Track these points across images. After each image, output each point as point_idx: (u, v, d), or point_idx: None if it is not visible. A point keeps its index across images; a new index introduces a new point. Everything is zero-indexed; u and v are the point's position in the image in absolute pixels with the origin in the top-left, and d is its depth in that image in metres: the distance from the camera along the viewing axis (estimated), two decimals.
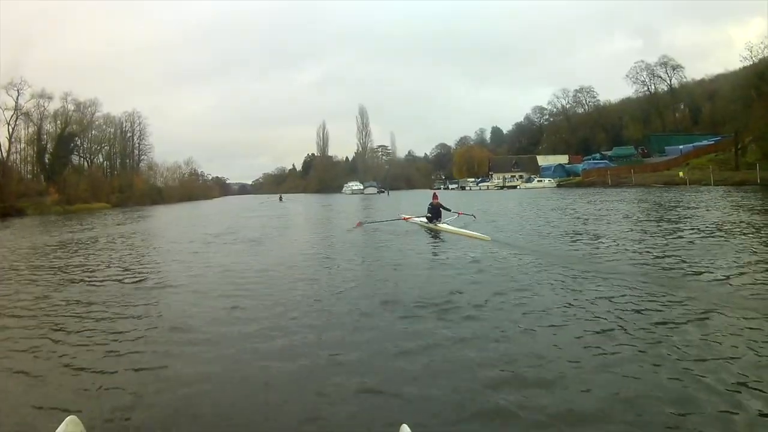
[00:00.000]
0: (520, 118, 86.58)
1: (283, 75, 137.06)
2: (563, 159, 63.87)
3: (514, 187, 55.78)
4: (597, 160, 55.94)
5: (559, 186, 49.77)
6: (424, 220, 11.57)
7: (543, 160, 65.55)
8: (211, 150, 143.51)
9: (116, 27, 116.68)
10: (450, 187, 71.02)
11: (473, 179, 68.51)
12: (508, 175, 64.07)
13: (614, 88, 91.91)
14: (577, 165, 57.34)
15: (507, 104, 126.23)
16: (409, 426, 1.71)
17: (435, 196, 11.74)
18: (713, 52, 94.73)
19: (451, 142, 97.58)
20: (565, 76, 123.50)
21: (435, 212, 11.34)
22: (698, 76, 62.00)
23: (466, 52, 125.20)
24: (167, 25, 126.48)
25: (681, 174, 36.60)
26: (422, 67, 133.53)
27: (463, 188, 63.71)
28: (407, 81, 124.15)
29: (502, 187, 57.60)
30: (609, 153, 56.88)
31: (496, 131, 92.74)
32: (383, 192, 63.89)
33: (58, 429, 1.71)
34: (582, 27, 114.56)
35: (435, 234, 10.38)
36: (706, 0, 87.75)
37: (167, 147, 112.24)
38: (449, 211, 11.78)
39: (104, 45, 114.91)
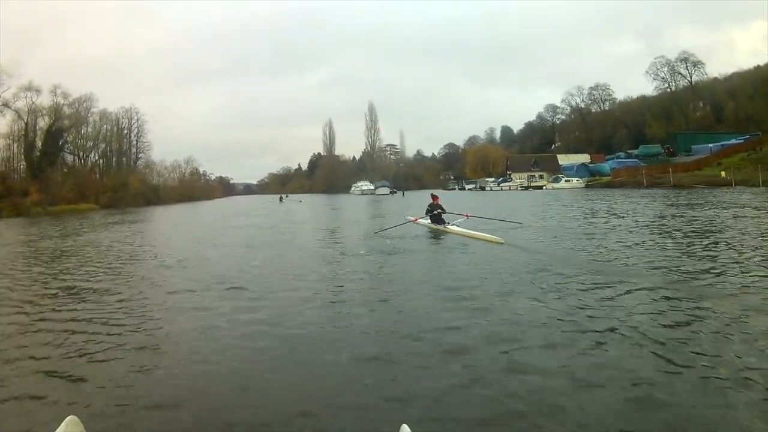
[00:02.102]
0: (525, 118, 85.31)
1: (288, 76, 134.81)
2: (584, 158, 60.20)
3: (540, 187, 52.19)
4: (623, 159, 52.75)
5: (587, 186, 45.94)
6: (429, 220, 11.51)
7: (563, 159, 61.85)
8: (216, 150, 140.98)
9: (119, 28, 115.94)
10: (467, 187, 66.89)
11: (492, 179, 64.32)
12: (529, 175, 60.26)
13: (618, 89, 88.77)
14: (601, 164, 54.24)
15: (509, 104, 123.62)
16: (409, 426, 1.70)
17: (435, 197, 11.80)
18: (716, 53, 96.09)
19: (457, 142, 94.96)
20: (567, 76, 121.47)
21: (436, 211, 11.32)
22: (711, 75, 59.62)
23: (469, 52, 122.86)
24: (174, 25, 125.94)
25: (723, 174, 34.97)
26: (424, 67, 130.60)
27: (482, 188, 59.70)
28: (409, 81, 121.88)
29: (526, 188, 53.92)
30: (635, 152, 53.76)
31: (506, 130, 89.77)
32: (396, 192, 58.67)
33: (58, 429, 1.71)
34: (583, 28, 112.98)
35: (445, 237, 10.10)
36: (708, 1, 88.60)
37: (172, 147, 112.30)
38: (450, 213, 11.47)
39: (108, 46, 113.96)
